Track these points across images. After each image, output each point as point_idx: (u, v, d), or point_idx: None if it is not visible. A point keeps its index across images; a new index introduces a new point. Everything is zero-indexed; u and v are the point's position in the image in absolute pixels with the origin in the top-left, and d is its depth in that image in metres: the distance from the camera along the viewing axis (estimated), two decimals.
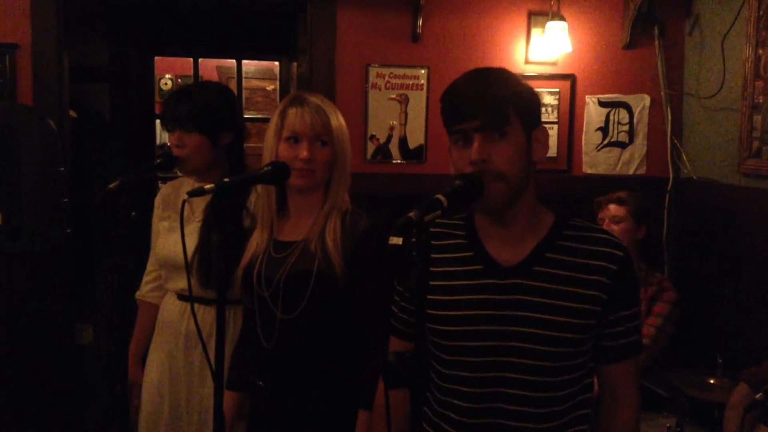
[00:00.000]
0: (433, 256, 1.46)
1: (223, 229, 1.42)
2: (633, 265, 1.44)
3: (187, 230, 2.13)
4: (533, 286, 1.38)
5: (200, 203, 2.16)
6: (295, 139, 1.74)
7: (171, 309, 2.18)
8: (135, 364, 2.33)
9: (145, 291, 2.37)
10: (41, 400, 3.13)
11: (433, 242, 1.47)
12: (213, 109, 2.13)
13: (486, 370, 1.39)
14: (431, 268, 1.45)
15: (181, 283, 2.14)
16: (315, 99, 1.80)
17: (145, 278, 2.38)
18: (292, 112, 1.76)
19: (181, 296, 2.17)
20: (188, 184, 2.24)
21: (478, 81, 1.39)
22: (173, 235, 2.17)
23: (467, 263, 1.43)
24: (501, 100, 1.34)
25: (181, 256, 2.07)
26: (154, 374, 2.19)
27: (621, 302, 1.41)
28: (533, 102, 1.43)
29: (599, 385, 1.48)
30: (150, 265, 2.36)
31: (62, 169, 3.10)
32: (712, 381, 2.66)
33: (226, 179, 1.50)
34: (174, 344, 2.15)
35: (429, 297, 1.44)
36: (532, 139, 1.39)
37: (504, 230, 1.41)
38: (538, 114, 1.44)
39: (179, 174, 2.28)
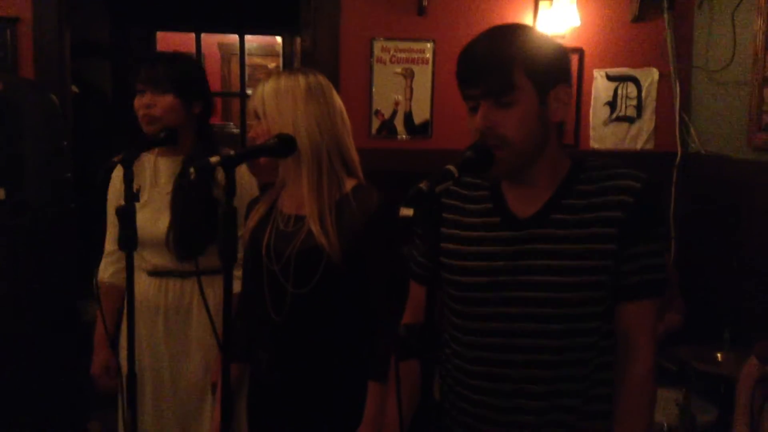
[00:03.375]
0: (455, 203, 1.45)
1: (229, 201, 1.40)
2: (655, 197, 1.36)
3: (156, 205, 2.10)
4: (548, 234, 1.36)
5: (164, 177, 2.14)
6: (256, 115, 1.77)
7: (144, 287, 2.13)
8: (103, 347, 2.25)
9: (108, 273, 2.25)
10: (45, 376, 3.14)
11: (460, 191, 1.46)
12: (189, 74, 2.13)
13: (500, 321, 1.38)
14: (450, 216, 1.44)
15: (156, 260, 2.12)
16: (279, 73, 1.81)
17: (106, 260, 2.27)
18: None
19: (152, 273, 2.14)
20: (148, 160, 2.19)
21: (485, 44, 1.33)
22: (143, 212, 2.08)
23: (486, 215, 1.42)
24: (504, 65, 1.29)
25: (157, 232, 2.06)
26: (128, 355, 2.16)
27: (636, 236, 1.33)
28: (550, 60, 1.34)
29: (616, 330, 1.41)
30: (110, 246, 2.26)
31: (65, 143, 3.08)
32: (719, 355, 2.66)
33: (231, 152, 1.48)
34: (152, 321, 2.14)
35: (446, 246, 1.43)
36: (549, 98, 1.33)
37: (525, 186, 1.39)
38: (559, 72, 1.35)
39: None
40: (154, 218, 2.09)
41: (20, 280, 3.05)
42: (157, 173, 2.16)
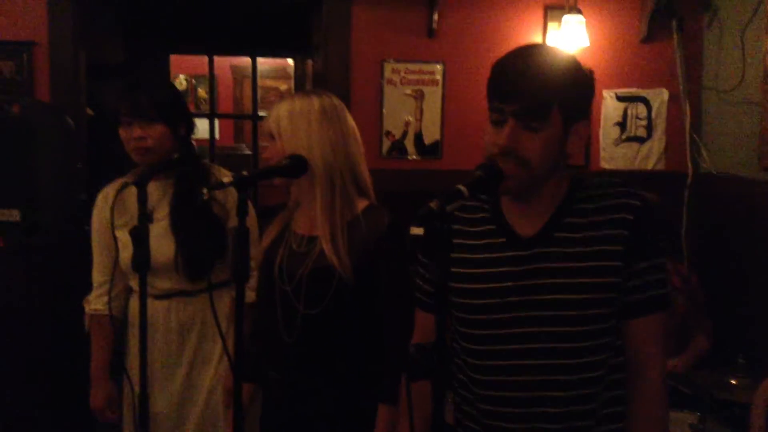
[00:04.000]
0: (459, 227, 1.46)
1: (242, 222, 1.41)
2: (653, 214, 1.38)
3: (156, 230, 2.05)
4: (553, 252, 1.36)
5: (159, 201, 2.14)
6: (271, 135, 1.79)
7: (151, 310, 2.04)
8: (105, 379, 2.20)
9: (101, 303, 2.18)
10: (54, 394, 3.15)
11: (462, 215, 1.46)
12: (172, 99, 2.15)
13: (513, 342, 1.38)
14: (457, 240, 1.44)
15: (164, 284, 2.12)
16: (292, 95, 1.85)
17: (97, 292, 2.21)
18: None
19: (159, 296, 2.13)
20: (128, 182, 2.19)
21: (528, 63, 1.31)
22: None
23: (490, 236, 1.43)
24: (544, 91, 1.29)
25: (160, 257, 2.03)
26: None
27: (639, 253, 1.35)
28: (581, 95, 1.36)
29: (624, 347, 1.42)
30: (102, 276, 2.20)
31: (79, 165, 3.11)
32: (733, 381, 2.62)
33: (244, 172, 1.49)
34: (165, 341, 2.14)
35: (454, 270, 1.43)
36: (571, 131, 1.34)
37: (527, 206, 1.40)
38: (585, 107, 1.38)
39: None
40: (158, 244, 2.05)
41: (34, 301, 3.07)
42: (150, 199, 2.07)
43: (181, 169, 2.12)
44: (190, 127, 2.20)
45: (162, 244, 2.09)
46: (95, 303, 2.20)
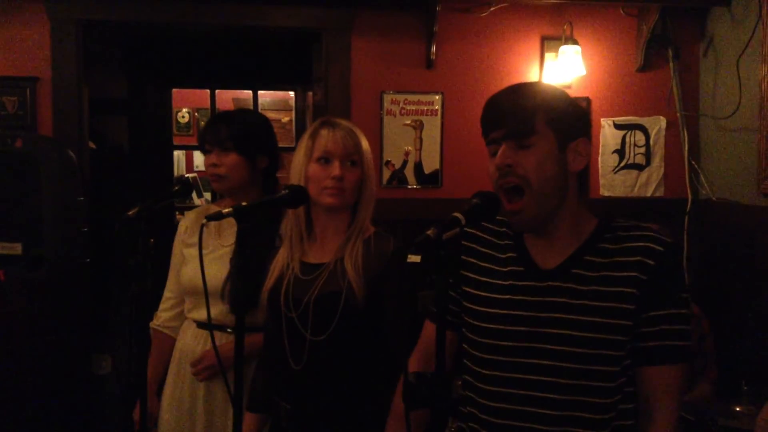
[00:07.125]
0: (484, 250, 1.49)
1: (242, 253, 1.42)
2: (677, 261, 1.36)
3: (216, 255, 2.14)
4: (568, 288, 1.36)
5: (230, 228, 2.16)
6: (326, 159, 1.77)
7: (190, 338, 2.17)
8: (152, 395, 2.27)
9: (161, 320, 2.30)
10: (59, 430, 3.13)
11: (489, 238, 1.50)
12: (251, 132, 2.19)
13: (518, 371, 1.38)
14: (476, 261, 1.48)
15: (211, 311, 2.13)
16: (345, 122, 1.85)
17: (162, 306, 2.32)
18: (324, 133, 1.80)
19: (201, 324, 2.16)
20: (214, 210, 2.24)
21: (510, 93, 1.41)
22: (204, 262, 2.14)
23: (510, 264, 1.45)
24: (527, 110, 1.35)
25: (213, 282, 2.06)
26: (170, 404, 2.17)
27: (657, 300, 1.33)
28: (571, 114, 1.40)
29: (636, 393, 1.39)
30: (169, 292, 2.31)
31: (81, 198, 3.13)
32: (737, 408, 2.60)
33: (243, 203, 1.51)
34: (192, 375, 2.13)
35: (469, 290, 1.47)
36: (569, 149, 1.38)
37: (548, 241, 1.42)
38: (580, 126, 1.41)
39: (195, 202, 2.26)
40: (214, 269, 2.10)
41: (36, 334, 3.07)
42: (221, 226, 2.18)
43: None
44: (274, 161, 2.24)
45: (219, 268, 2.11)
46: (156, 318, 2.31)
